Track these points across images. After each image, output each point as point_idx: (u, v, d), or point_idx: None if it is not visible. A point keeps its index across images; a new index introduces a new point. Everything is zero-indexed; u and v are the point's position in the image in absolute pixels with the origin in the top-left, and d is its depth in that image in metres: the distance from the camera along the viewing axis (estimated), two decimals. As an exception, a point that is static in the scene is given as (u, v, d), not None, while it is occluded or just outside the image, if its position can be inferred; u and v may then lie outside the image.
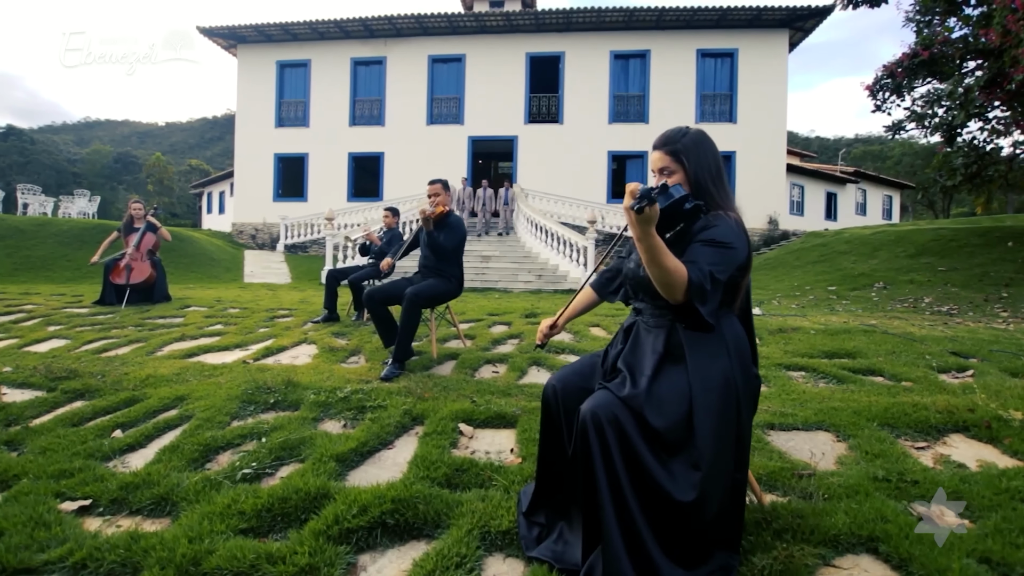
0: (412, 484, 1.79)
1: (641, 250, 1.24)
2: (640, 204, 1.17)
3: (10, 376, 3.27)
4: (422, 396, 2.73)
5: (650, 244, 1.22)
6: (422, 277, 3.48)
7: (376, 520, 1.61)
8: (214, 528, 1.59)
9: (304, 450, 2.17)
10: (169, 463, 2.07)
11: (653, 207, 1.17)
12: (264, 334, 4.33)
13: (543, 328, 1.79)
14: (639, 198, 1.17)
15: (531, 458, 2.06)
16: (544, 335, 1.78)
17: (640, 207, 1.17)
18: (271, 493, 1.76)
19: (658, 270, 1.25)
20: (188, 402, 2.77)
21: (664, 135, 1.53)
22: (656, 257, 1.23)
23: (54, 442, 2.30)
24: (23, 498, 1.82)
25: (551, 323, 1.79)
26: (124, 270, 5.58)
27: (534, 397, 2.78)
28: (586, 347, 3.80)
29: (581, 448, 1.31)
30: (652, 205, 1.17)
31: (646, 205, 1.16)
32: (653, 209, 1.18)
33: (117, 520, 1.76)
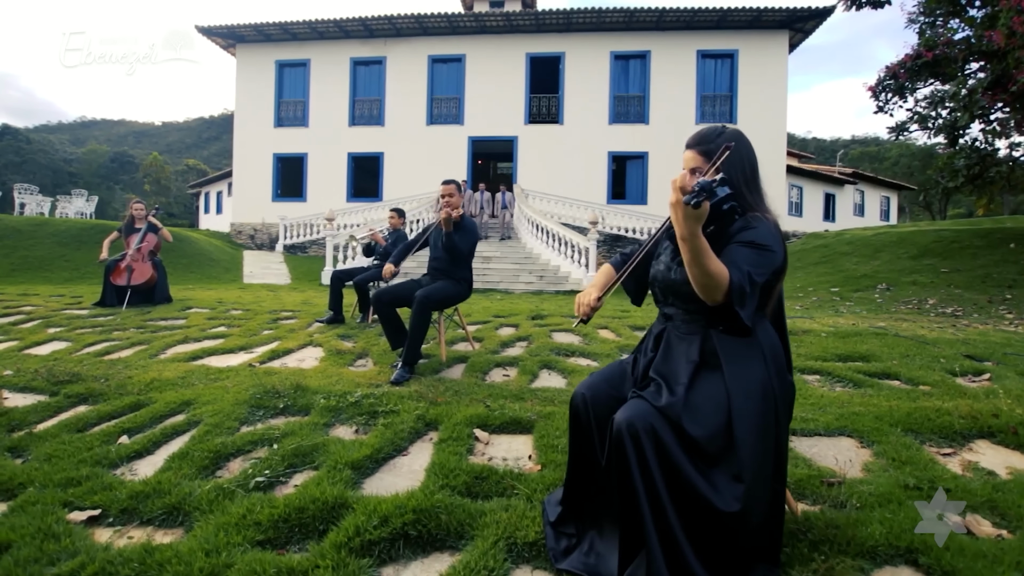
0: (432, 493, 1.75)
1: (685, 250, 1.20)
2: (698, 199, 1.12)
3: (11, 380, 3.21)
4: (434, 401, 2.68)
5: (696, 245, 1.18)
6: (431, 279, 3.44)
7: (398, 531, 1.56)
8: (231, 540, 1.54)
9: (317, 457, 2.12)
10: (179, 471, 2.02)
11: (705, 204, 1.13)
12: (269, 336, 4.27)
13: (590, 301, 1.54)
14: (697, 192, 1.12)
15: (552, 465, 2.02)
16: (592, 308, 1.54)
17: (698, 201, 1.13)
18: (287, 503, 1.71)
19: (700, 271, 1.21)
20: (195, 407, 2.71)
21: (698, 134, 1.49)
22: (700, 258, 1.19)
23: (59, 449, 2.25)
24: (30, 508, 1.77)
25: (597, 296, 1.55)
26: (125, 271, 5.51)
27: (548, 402, 2.74)
28: (596, 349, 3.76)
29: (617, 459, 1.27)
30: (707, 200, 1.13)
31: (704, 199, 1.12)
32: (705, 206, 1.14)
33: (128, 531, 1.71)
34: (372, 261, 4.96)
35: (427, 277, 3.48)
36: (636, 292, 1.69)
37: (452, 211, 3.20)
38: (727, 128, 1.48)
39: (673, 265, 1.46)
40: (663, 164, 15.60)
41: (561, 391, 2.91)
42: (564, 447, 2.16)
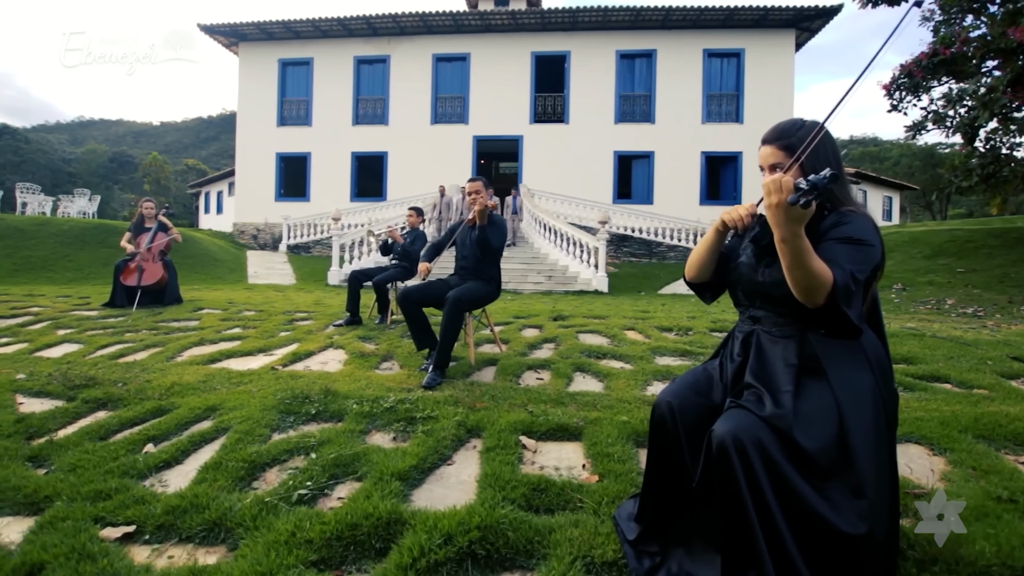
0: (492, 508, 1.63)
1: (785, 252, 1.09)
2: (808, 197, 1.02)
3: (25, 384, 3.08)
4: (473, 406, 2.57)
5: (799, 246, 1.07)
6: (460, 279, 3.32)
7: (464, 550, 1.45)
8: (283, 560, 1.43)
9: (359, 467, 2.00)
10: (214, 482, 1.90)
11: (813, 203, 1.03)
12: (286, 338, 4.15)
13: (751, 209, 1.31)
14: (807, 190, 1.02)
15: (611, 476, 1.91)
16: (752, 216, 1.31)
17: (808, 201, 1.02)
18: (338, 519, 1.59)
19: (803, 273, 1.11)
20: (221, 413, 2.60)
21: (777, 128, 1.38)
22: (803, 259, 1.09)
23: (83, 458, 2.12)
24: (60, 524, 1.65)
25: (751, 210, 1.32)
26: (135, 271, 5.38)
27: (589, 407, 2.62)
28: (627, 351, 3.64)
29: (722, 475, 1.16)
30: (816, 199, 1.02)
31: (813, 198, 1.01)
32: (813, 205, 1.03)
33: (167, 549, 1.59)
34: (390, 260, 4.84)
35: (455, 277, 3.37)
36: (714, 290, 1.56)
37: (486, 201, 3.09)
38: (807, 121, 1.38)
39: (760, 267, 1.36)
40: (669, 163, 15.51)
41: (600, 395, 2.79)
42: (620, 455, 2.05)
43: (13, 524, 1.76)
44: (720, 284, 1.56)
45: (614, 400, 2.69)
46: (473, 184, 3.29)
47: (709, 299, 1.60)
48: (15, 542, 1.64)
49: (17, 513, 1.81)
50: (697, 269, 1.49)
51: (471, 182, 3.29)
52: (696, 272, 1.49)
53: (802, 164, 1.30)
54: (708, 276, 1.49)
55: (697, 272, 1.49)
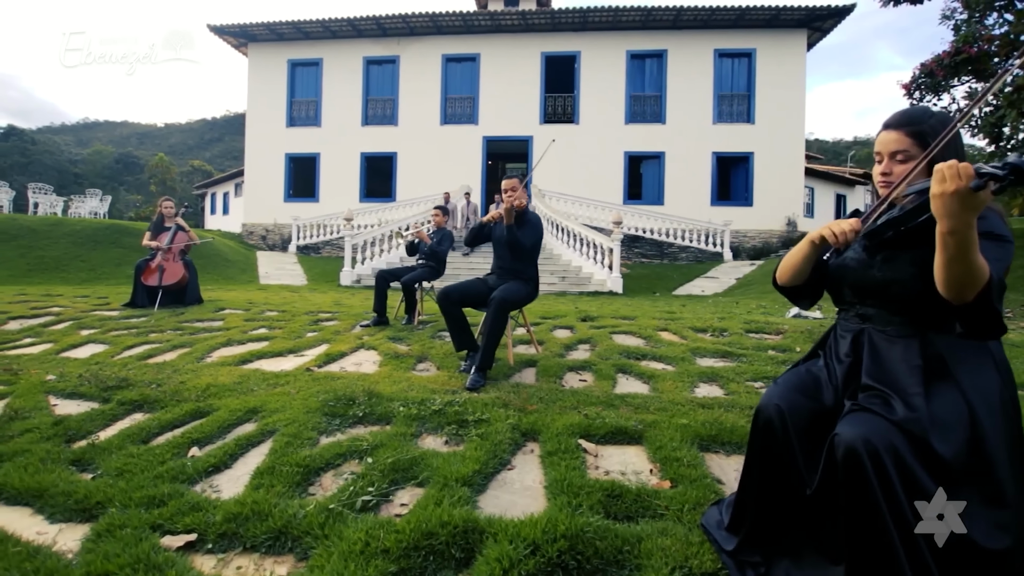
0: (574, 516, 1.55)
1: (951, 245, 1.01)
2: (1002, 183, 0.93)
3: (57, 385, 3.02)
4: (523, 409, 2.49)
5: (968, 237, 0.99)
6: (498, 278, 3.25)
7: (554, 561, 1.37)
8: (362, 572, 1.36)
9: (419, 471, 1.93)
10: (272, 488, 1.83)
11: (988, 189, 0.95)
12: (314, 339, 4.08)
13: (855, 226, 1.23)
14: (1000, 175, 0.93)
15: (684, 481, 1.83)
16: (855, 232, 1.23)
17: (1001, 187, 0.94)
18: (412, 527, 1.52)
19: (965, 268, 1.03)
20: (263, 415, 2.53)
21: (904, 113, 1.30)
22: (969, 253, 1.01)
23: (129, 462, 2.06)
24: (119, 532, 1.58)
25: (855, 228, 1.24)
26: (156, 271, 5.32)
27: (641, 409, 2.54)
28: (666, 352, 3.56)
29: (851, 482, 1.09)
30: (994, 185, 0.94)
31: (1007, 184, 0.92)
32: (989, 192, 0.95)
33: (232, 559, 1.52)
34: (416, 260, 4.77)
35: (492, 276, 3.29)
36: (811, 294, 1.48)
37: (515, 199, 3.01)
38: (936, 110, 1.31)
39: (876, 263, 1.28)
40: (680, 164, 15.43)
41: (650, 397, 2.72)
42: (689, 460, 1.97)
43: (67, 531, 1.70)
44: (816, 286, 1.48)
45: (666, 402, 2.61)
46: (509, 182, 3.21)
47: (807, 304, 1.52)
48: (72, 550, 1.58)
49: (69, 520, 1.75)
50: (791, 275, 1.42)
51: (507, 179, 3.22)
52: (790, 278, 1.43)
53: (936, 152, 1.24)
54: (803, 280, 1.42)
55: (791, 278, 1.42)
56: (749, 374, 3.09)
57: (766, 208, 15.25)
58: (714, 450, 2.13)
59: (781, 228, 15.29)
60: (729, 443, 2.16)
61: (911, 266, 1.22)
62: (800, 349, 3.60)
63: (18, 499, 1.86)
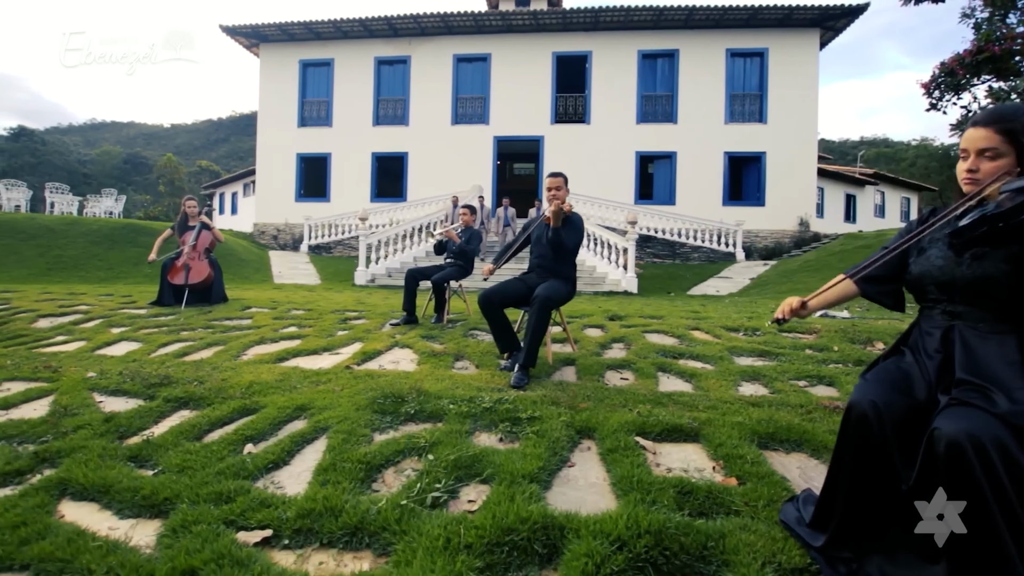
0: (654, 512, 1.55)
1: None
2: None
3: (100, 383, 3.04)
4: (574, 407, 2.49)
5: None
6: (537, 277, 3.24)
7: (642, 557, 1.37)
8: (452, 567, 1.36)
9: (481, 468, 1.93)
10: (337, 484, 1.83)
11: None
12: (346, 337, 4.09)
13: (793, 305, 1.47)
14: None
15: (751, 478, 1.82)
16: (791, 311, 1.48)
17: None
18: (491, 523, 1.52)
19: None
20: (312, 412, 2.53)
21: (995, 111, 1.29)
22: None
23: (188, 459, 2.07)
24: (194, 528, 1.59)
25: (801, 301, 1.48)
26: (182, 270, 5.34)
27: (690, 407, 2.53)
28: (703, 351, 3.55)
29: (954, 477, 1.08)
30: None
31: None
32: None
33: (311, 555, 1.53)
34: (444, 259, 4.77)
35: (531, 275, 3.29)
36: (894, 298, 1.50)
37: (562, 203, 3.02)
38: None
39: (964, 260, 1.28)
40: (691, 164, 15.38)
41: (697, 396, 2.71)
42: (752, 457, 1.97)
43: (139, 527, 1.70)
44: (899, 292, 1.50)
45: (715, 400, 2.60)
46: (554, 180, 3.21)
47: (890, 303, 1.52)
48: (148, 545, 1.59)
49: (139, 515, 1.76)
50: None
51: (551, 177, 3.22)
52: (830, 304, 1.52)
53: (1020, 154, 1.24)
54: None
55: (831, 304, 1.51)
56: (791, 373, 3.07)
57: (778, 208, 15.18)
58: (772, 448, 2.12)
59: (793, 228, 15.22)
60: (787, 441, 2.14)
61: (1004, 263, 1.22)
62: (837, 348, 3.58)
63: (84, 495, 1.88)
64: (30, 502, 1.80)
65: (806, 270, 10.93)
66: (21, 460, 2.12)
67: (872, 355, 3.41)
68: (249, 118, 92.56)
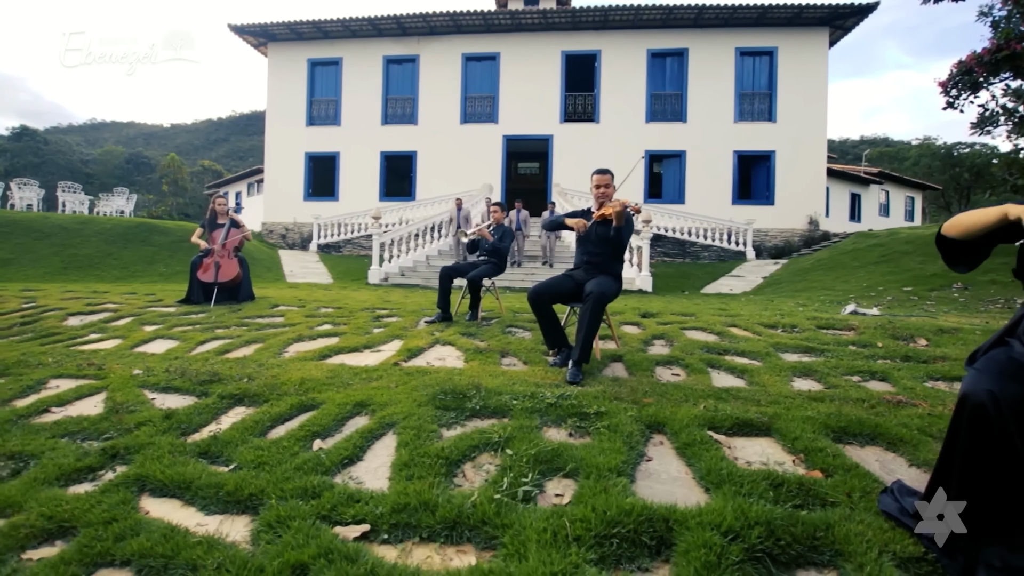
0: (754, 503, 1.55)
1: None
2: None
3: (149, 380, 3.03)
4: (638, 402, 2.48)
5: None
6: (585, 273, 3.23)
7: (757, 548, 1.37)
8: (568, 560, 1.35)
9: (562, 463, 1.92)
10: (423, 479, 1.83)
11: None
12: (384, 335, 4.08)
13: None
14: None
15: (837, 470, 1.82)
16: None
17: None
18: (597, 516, 1.51)
19: None
20: (372, 408, 2.53)
21: None
22: None
23: (260, 455, 2.06)
24: (291, 524, 1.58)
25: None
26: (212, 268, 5.33)
27: (751, 402, 2.53)
28: (748, 348, 3.55)
29: None
30: None
31: None
32: None
33: (412, 549, 1.53)
34: (477, 256, 4.76)
35: (579, 272, 3.28)
36: (969, 260, 1.54)
37: (629, 201, 3.02)
38: None
39: None
40: (701, 163, 15.39)
41: (754, 391, 2.70)
42: (831, 450, 1.96)
43: (227, 522, 1.70)
44: (978, 256, 1.51)
45: (775, 395, 2.60)
46: (602, 177, 3.21)
47: (963, 269, 1.55)
48: (243, 540, 1.58)
49: (225, 511, 1.75)
50: (962, 231, 1.46)
51: (600, 174, 3.22)
52: (960, 233, 1.47)
53: None
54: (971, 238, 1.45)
55: (961, 233, 1.46)
56: (842, 369, 3.07)
57: (788, 207, 15.19)
58: (846, 441, 2.12)
59: (803, 227, 15.23)
60: (860, 435, 2.14)
61: None
62: (881, 345, 3.58)
63: (164, 491, 1.87)
64: (113, 498, 1.79)
65: (819, 269, 10.94)
66: (91, 457, 2.11)
67: (917, 351, 3.41)
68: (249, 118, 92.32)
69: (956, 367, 3.00)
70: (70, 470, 2.02)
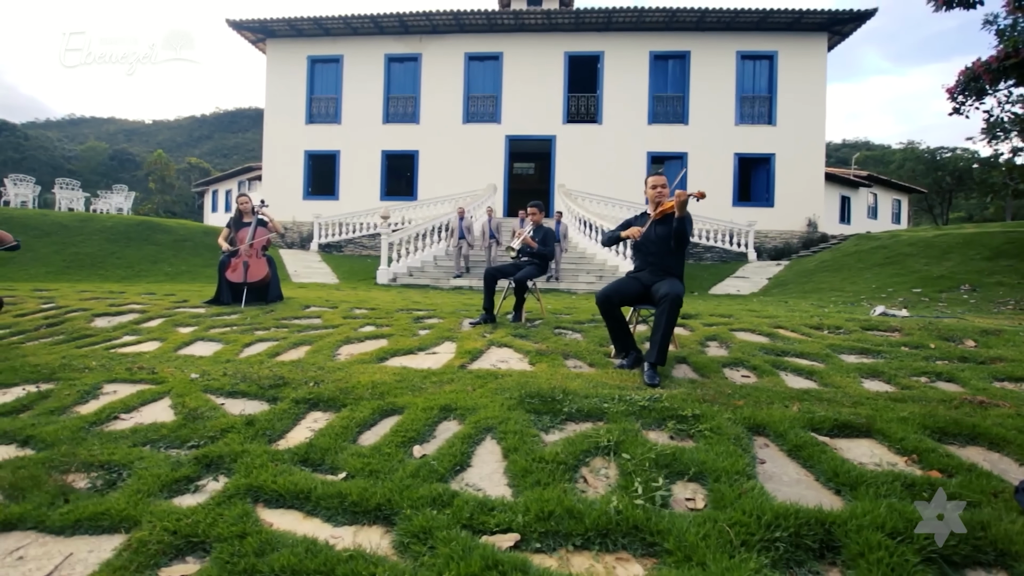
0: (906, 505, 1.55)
1: None
2: None
3: (211, 384, 2.96)
4: (729, 404, 2.49)
5: None
6: (651, 275, 3.24)
7: (927, 549, 1.38)
8: (747, 567, 1.34)
9: (683, 467, 1.92)
10: (548, 486, 1.81)
11: None
12: (432, 336, 4.03)
13: None
14: None
15: (959, 471, 1.85)
16: None
17: None
18: (753, 519, 1.51)
19: None
20: (459, 412, 2.50)
21: None
22: None
23: (368, 463, 2.02)
24: (439, 534, 1.55)
25: None
26: (241, 268, 5.22)
27: (835, 403, 2.55)
28: (806, 349, 3.59)
29: None
30: None
31: None
32: None
33: (569, 557, 1.52)
34: (519, 258, 4.72)
35: (644, 273, 3.28)
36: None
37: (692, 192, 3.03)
38: None
39: None
40: (702, 165, 15.54)
41: (833, 391, 2.73)
42: (942, 450, 1.99)
43: (361, 533, 1.65)
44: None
45: (857, 397, 2.63)
46: (659, 178, 3.26)
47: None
48: (384, 553, 1.53)
49: (354, 522, 1.71)
50: None
51: (655, 176, 3.27)
52: None
53: None
54: None
55: None
56: (907, 370, 3.12)
57: (787, 209, 15.43)
58: (947, 442, 2.15)
59: (802, 229, 15.48)
60: (959, 435, 2.18)
61: None
62: (934, 346, 3.64)
63: (280, 502, 1.82)
64: (233, 511, 1.73)
65: (824, 270, 11.13)
66: (185, 467, 2.04)
67: (969, 352, 3.48)
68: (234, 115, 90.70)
69: (1018, 368, 3.07)
70: (168, 480, 1.95)
